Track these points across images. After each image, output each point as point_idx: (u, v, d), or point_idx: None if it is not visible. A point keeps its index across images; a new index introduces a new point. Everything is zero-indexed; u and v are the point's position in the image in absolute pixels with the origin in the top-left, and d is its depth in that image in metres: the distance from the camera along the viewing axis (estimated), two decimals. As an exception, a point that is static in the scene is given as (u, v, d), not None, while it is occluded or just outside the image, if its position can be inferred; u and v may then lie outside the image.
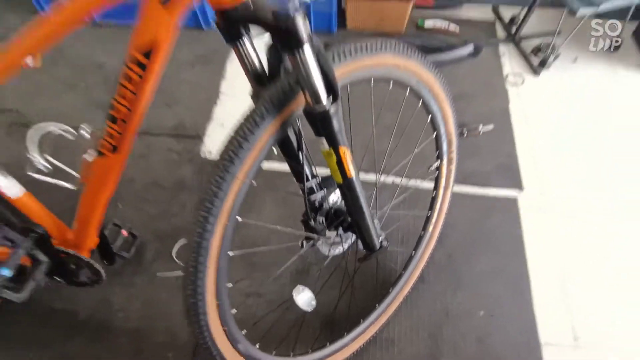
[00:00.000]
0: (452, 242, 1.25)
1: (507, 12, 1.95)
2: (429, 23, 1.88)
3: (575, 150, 1.51)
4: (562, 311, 1.15)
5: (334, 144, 0.60)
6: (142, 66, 0.56)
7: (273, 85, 0.58)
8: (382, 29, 1.85)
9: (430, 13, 1.94)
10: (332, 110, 0.56)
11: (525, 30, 1.82)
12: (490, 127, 1.53)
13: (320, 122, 0.58)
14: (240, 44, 0.59)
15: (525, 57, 1.77)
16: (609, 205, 1.37)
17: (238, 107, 0.59)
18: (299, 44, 0.50)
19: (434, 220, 1.11)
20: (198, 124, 1.59)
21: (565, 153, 1.50)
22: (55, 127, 0.71)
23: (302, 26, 0.48)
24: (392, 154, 0.90)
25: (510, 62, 1.78)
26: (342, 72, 0.61)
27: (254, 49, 0.61)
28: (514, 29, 1.84)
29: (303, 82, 0.54)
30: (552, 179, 1.42)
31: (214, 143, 1.52)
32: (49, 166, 0.71)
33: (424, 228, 1.11)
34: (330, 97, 0.56)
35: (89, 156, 0.72)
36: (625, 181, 1.43)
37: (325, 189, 0.81)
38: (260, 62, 0.63)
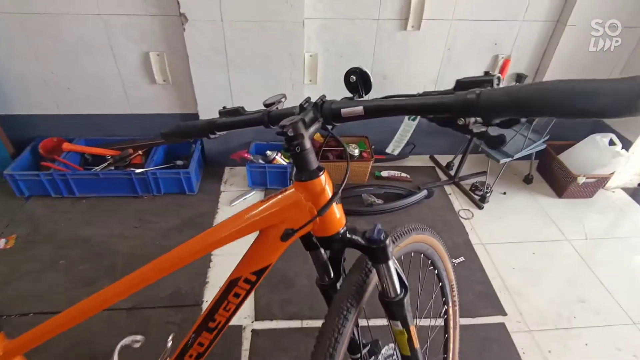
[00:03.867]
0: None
1: (441, 159, 2.43)
2: (384, 173, 2.25)
3: (530, 268, 1.76)
4: None
5: (405, 325, 0.72)
6: (251, 283, 0.66)
7: (345, 286, 0.72)
8: (350, 181, 2.16)
9: (383, 165, 2.33)
10: (405, 300, 0.70)
11: (462, 172, 2.26)
12: (461, 259, 1.77)
13: (395, 309, 0.71)
14: (317, 251, 0.74)
15: (467, 194, 2.16)
16: (573, 310, 1.58)
17: (231, 267, 0.68)
18: (387, 259, 0.66)
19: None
20: (195, 290, 1.60)
21: (523, 273, 1.74)
22: (128, 340, 0.74)
23: (390, 248, 0.65)
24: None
25: (458, 200, 2.15)
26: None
27: (325, 253, 0.76)
28: (451, 172, 2.27)
29: (385, 283, 0.68)
30: (524, 299, 1.63)
31: (214, 309, 1.52)
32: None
33: (443, 370, 1.19)
34: (402, 290, 0.71)
35: (166, 365, 0.75)
36: (573, 285, 1.69)
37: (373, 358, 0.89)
38: (326, 260, 0.77)
